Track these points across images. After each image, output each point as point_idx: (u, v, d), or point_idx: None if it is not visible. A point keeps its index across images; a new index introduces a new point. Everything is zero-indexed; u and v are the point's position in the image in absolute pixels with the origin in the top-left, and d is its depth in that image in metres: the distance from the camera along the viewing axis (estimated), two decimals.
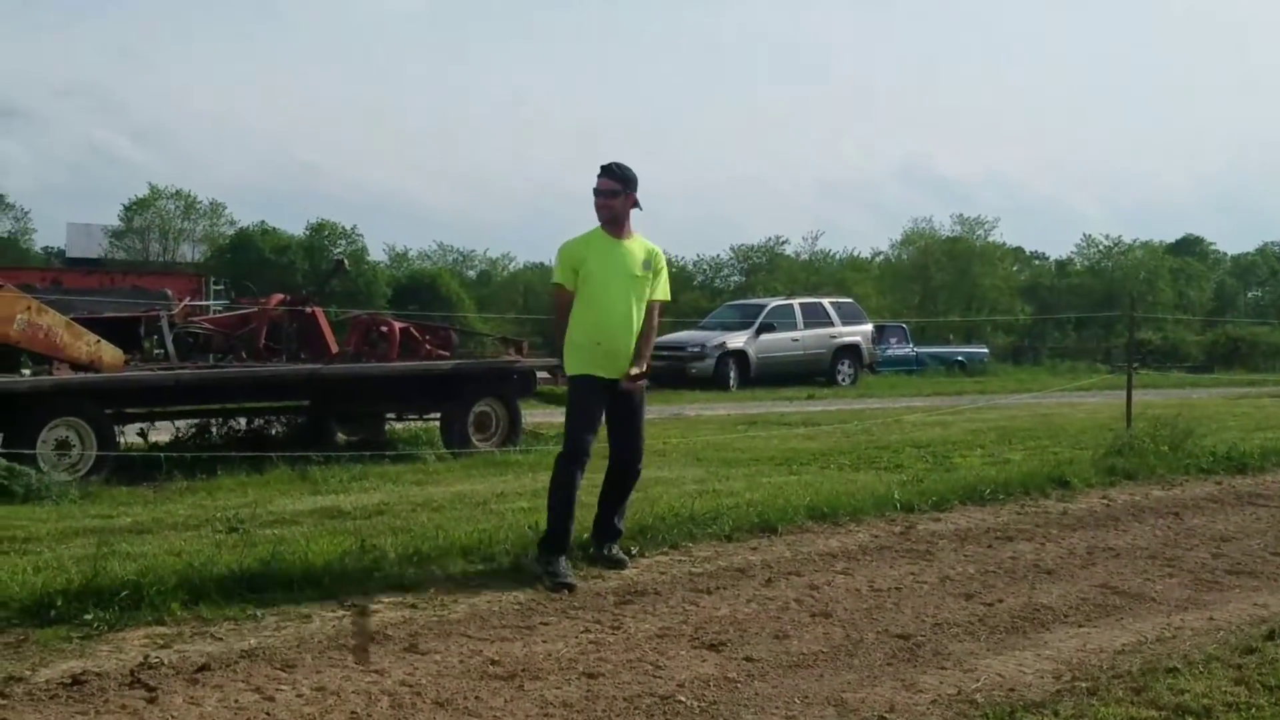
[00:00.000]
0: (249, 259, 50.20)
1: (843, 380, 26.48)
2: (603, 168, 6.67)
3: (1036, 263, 71.01)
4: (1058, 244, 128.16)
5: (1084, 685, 4.70)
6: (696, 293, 55.63)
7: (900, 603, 6.09)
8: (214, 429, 12.19)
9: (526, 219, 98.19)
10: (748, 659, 5.09)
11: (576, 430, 6.61)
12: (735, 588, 6.36)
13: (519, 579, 6.42)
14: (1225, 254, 76.03)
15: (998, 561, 7.03)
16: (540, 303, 51.97)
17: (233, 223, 60.27)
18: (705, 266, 62.35)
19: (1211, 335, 42.85)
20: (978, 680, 4.83)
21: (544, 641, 5.30)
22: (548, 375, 14.90)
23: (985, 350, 37.64)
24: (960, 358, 34.75)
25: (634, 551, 7.03)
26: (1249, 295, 72.88)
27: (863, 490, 8.90)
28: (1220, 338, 41.90)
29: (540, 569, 6.42)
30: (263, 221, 56.75)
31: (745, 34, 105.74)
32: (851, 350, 26.98)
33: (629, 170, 6.69)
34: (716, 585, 6.39)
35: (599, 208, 6.67)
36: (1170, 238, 72.72)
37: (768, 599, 6.13)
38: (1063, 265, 68.21)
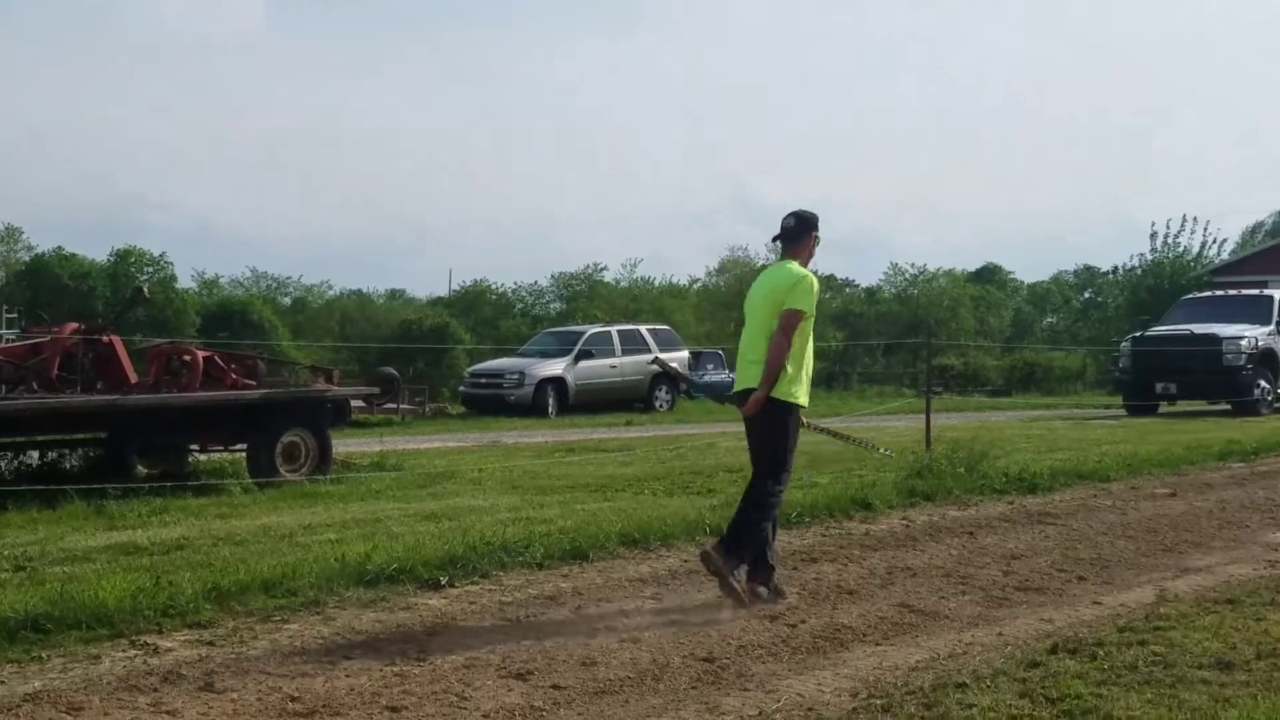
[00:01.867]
0: (47, 286, 48.09)
1: (660, 406, 26.80)
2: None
3: (848, 290, 73.05)
4: (868, 272, 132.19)
5: (879, 702, 4.84)
6: (517, 320, 55.54)
7: (707, 626, 6.17)
8: (2, 464, 11.64)
9: (344, 245, 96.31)
10: (555, 687, 5.09)
11: (792, 456, 6.91)
12: (545, 615, 6.36)
13: (324, 612, 6.31)
14: (1023, 282, 79.42)
15: (801, 583, 7.18)
16: (358, 330, 51.17)
17: (30, 248, 57.62)
18: (525, 294, 62.35)
19: (1009, 360, 44.64)
20: (778, 700, 4.93)
21: (347, 676, 5.20)
22: (363, 404, 14.67)
23: None
24: None
25: (443, 582, 6.97)
26: (1045, 322, 76.20)
27: (674, 515, 9.01)
28: (1018, 363, 43.63)
29: (774, 593, 6.62)
30: (59, 247, 54.34)
31: (565, 64, 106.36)
32: (668, 376, 27.29)
33: None
34: (527, 614, 6.39)
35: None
36: (972, 266, 75.70)
37: (577, 628, 6.14)
38: (872, 292, 70.31)
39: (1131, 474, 12.36)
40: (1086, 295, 74.11)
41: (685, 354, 28.54)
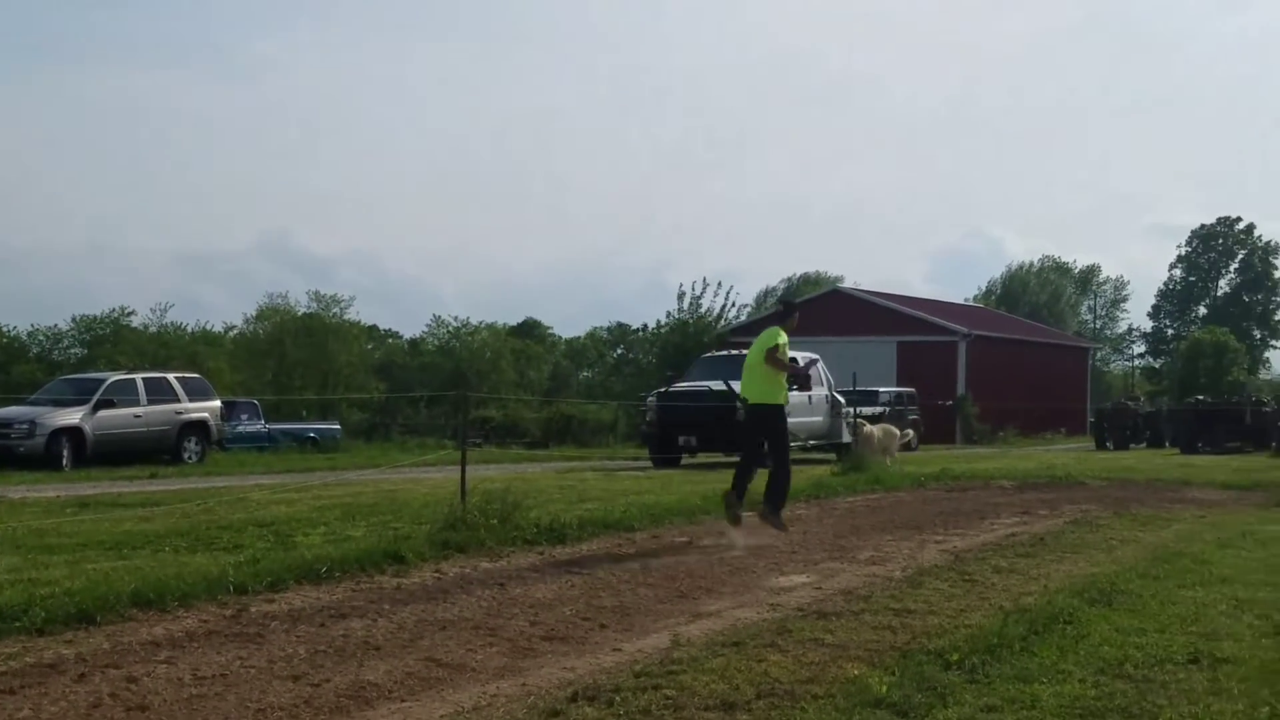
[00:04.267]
0: None
1: (189, 458, 25.55)
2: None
3: (391, 341, 72.85)
4: (411, 323, 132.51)
5: None
6: (32, 365, 51.33)
7: (225, 690, 5.89)
8: None
9: None
10: None
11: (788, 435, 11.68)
12: (43, 686, 5.87)
13: None
14: (560, 337, 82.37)
15: (329, 640, 7.02)
16: None
17: None
18: (42, 337, 57.68)
19: (547, 413, 45.98)
20: None
21: None
22: None
23: (338, 427, 37.86)
24: (313, 434, 34.70)
25: None
26: (581, 376, 79.23)
27: (195, 573, 8.56)
28: (555, 415, 45.03)
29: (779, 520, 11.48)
30: None
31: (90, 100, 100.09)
32: (199, 427, 26.12)
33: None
34: (21, 684, 5.87)
35: None
36: (514, 320, 77.65)
37: (79, 696, 5.70)
38: (415, 344, 70.46)
39: (654, 523, 12.99)
40: (619, 351, 77.78)
41: (218, 404, 27.35)
